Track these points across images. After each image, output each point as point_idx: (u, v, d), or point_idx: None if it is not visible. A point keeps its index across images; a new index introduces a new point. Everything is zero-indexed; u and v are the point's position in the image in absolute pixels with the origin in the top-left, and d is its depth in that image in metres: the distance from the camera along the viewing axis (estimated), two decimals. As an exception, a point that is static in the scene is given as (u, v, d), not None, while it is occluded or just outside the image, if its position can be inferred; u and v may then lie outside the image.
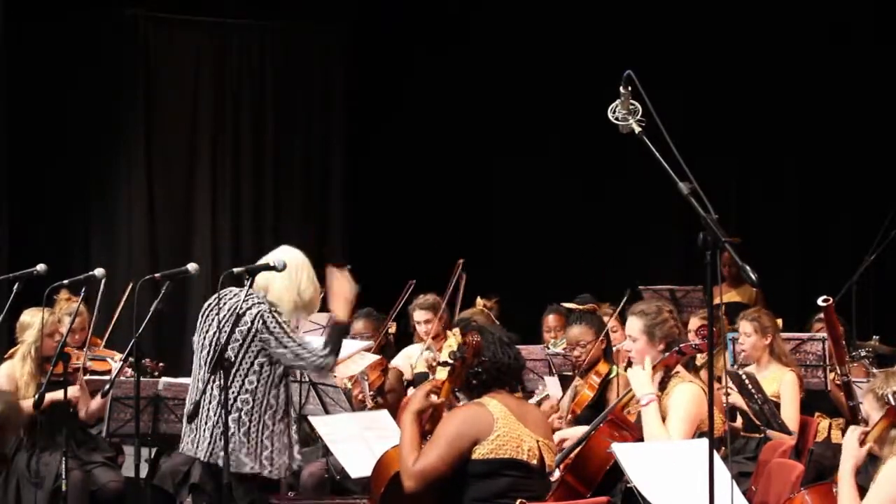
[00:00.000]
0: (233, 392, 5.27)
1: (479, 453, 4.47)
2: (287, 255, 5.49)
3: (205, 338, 5.45)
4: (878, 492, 4.32)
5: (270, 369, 5.36)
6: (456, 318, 7.73)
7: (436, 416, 4.67)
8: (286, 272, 5.38)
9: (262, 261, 5.43)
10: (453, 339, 4.70)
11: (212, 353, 5.37)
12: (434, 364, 7.42)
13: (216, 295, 5.51)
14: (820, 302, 6.47)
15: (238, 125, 11.67)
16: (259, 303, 5.34)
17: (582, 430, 5.62)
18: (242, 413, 5.29)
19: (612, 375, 6.47)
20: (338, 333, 5.51)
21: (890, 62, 10.13)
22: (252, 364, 5.32)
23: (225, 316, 5.31)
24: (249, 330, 5.29)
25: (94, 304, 7.38)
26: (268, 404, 5.36)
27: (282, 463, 5.39)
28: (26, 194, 10.76)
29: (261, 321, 5.29)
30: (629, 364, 5.40)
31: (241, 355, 5.28)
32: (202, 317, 5.52)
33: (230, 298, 5.40)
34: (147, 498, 6.80)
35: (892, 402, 4.37)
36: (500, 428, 4.49)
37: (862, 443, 4.50)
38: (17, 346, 6.97)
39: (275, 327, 5.31)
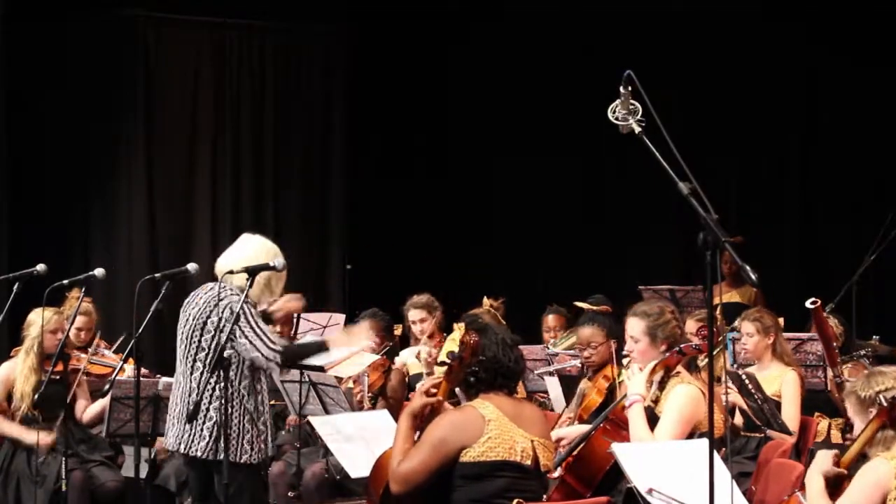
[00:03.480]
0: (211, 382, 5.33)
1: (469, 456, 4.45)
2: (252, 244, 5.61)
3: (182, 332, 5.55)
4: (856, 491, 4.28)
5: (239, 360, 5.44)
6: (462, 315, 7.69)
7: (432, 415, 4.67)
8: (252, 256, 5.45)
9: (232, 252, 5.59)
10: (457, 333, 4.68)
11: (188, 346, 5.49)
12: (430, 360, 7.44)
13: (194, 293, 5.60)
14: (808, 304, 6.46)
15: (238, 125, 11.67)
16: (231, 294, 5.42)
17: (580, 429, 5.62)
18: (222, 401, 5.34)
19: (621, 379, 6.45)
20: (310, 349, 5.74)
21: (890, 63, 10.12)
22: (233, 349, 5.37)
23: (200, 309, 5.39)
24: (220, 320, 5.35)
25: (101, 306, 7.42)
26: (238, 392, 5.40)
27: (259, 448, 5.47)
28: (26, 194, 10.76)
29: (229, 311, 5.34)
30: (629, 364, 5.40)
31: (216, 346, 5.34)
32: (181, 313, 5.59)
33: (206, 293, 5.51)
34: (147, 498, 6.80)
35: (884, 403, 4.35)
36: (492, 430, 4.47)
37: (837, 464, 4.46)
38: (22, 346, 6.99)
39: (241, 318, 5.37)
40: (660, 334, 5.25)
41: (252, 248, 5.60)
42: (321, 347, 5.77)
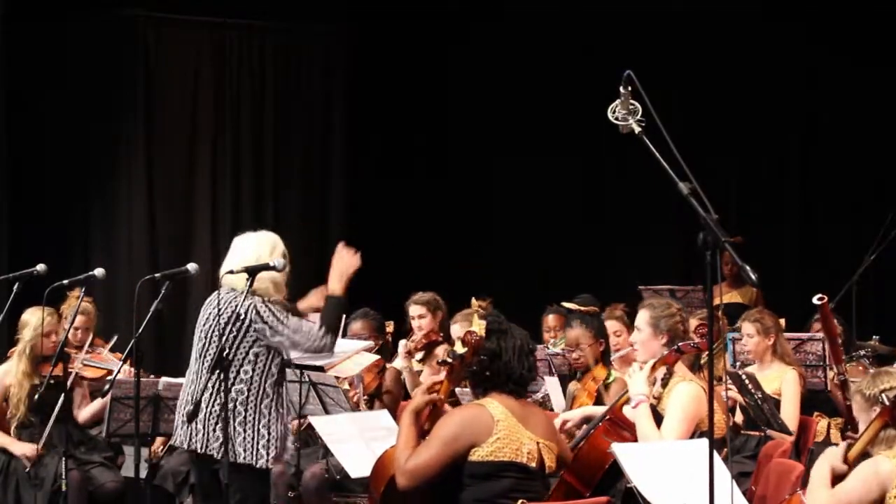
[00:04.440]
0: (229, 383, 5.32)
1: (477, 455, 4.45)
2: (249, 244, 5.59)
3: (201, 330, 5.54)
4: (854, 483, 4.30)
5: (266, 359, 5.43)
6: (464, 316, 7.68)
7: (435, 414, 4.67)
8: (263, 252, 5.45)
9: (232, 258, 5.54)
10: (477, 328, 4.67)
11: (207, 345, 5.46)
12: (413, 348, 7.46)
13: (217, 292, 5.58)
14: (815, 300, 6.47)
15: (238, 125, 11.66)
16: (244, 296, 5.41)
17: (584, 411, 5.62)
18: (238, 403, 5.34)
19: (609, 380, 6.45)
20: (331, 308, 5.64)
21: (890, 63, 10.13)
22: (247, 354, 5.39)
23: (223, 313, 5.39)
24: (243, 322, 5.36)
25: (101, 306, 7.42)
26: (264, 393, 5.41)
27: (275, 452, 5.45)
28: (26, 194, 10.76)
29: (254, 312, 5.37)
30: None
31: (235, 346, 5.35)
32: (203, 310, 5.60)
33: (226, 294, 5.50)
34: (147, 498, 6.80)
35: (886, 402, 4.36)
36: (500, 430, 4.47)
37: (845, 460, 4.48)
38: (14, 348, 6.98)
39: (268, 317, 5.39)
40: (662, 325, 5.30)
41: (252, 249, 5.59)
42: (338, 303, 5.70)
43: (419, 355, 7.59)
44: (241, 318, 5.37)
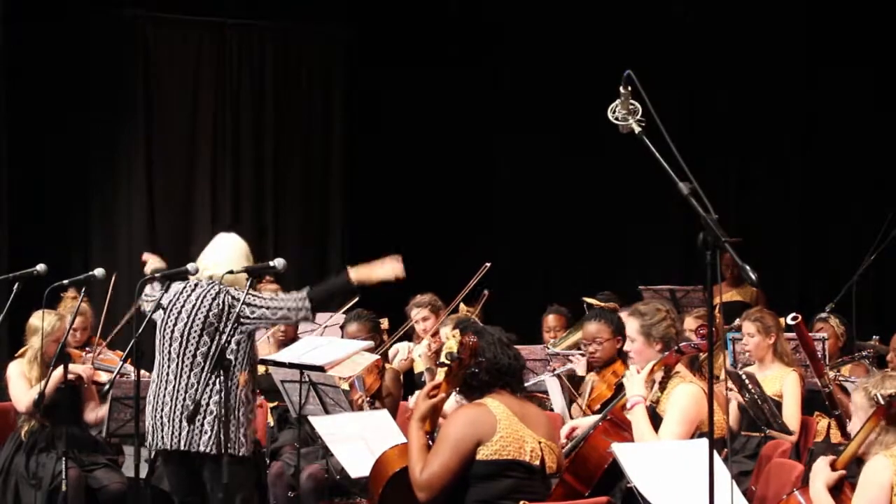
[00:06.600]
0: (206, 377, 5.34)
1: (482, 454, 4.44)
2: (225, 241, 5.81)
3: (174, 330, 5.54)
4: (861, 495, 4.30)
5: (246, 346, 5.52)
6: (452, 320, 7.70)
7: (435, 415, 4.66)
8: (234, 256, 5.57)
9: (212, 254, 5.76)
10: (453, 341, 4.69)
11: (185, 344, 5.47)
12: (430, 354, 7.47)
13: (175, 290, 5.65)
14: (789, 320, 6.48)
15: (238, 125, 11.67)
16: (224, 288, 5.54)
17: (593, 419, 5.62)
18: (222, 395, 5.34)
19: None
20: (333, 285, 5.93)
21: (889, 64, 10.13)
22: (229, 344, 5.40)
23: (195, 307, 5.41)
24: (221, 310, 5.38)
25: (100, 306, 7.41)
26: (241, 384, 5.43)
27: (251, 438, 5.52)
28: (26, 194, 10.76)
29: (229, 297, 5.39)
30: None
31: (216, 339, 5.36)
32: (166, 312, 5.59)
33: (193, 291, 5.51)
34: (147, 498, 6.80)
35: (881, 401, 4.37)
36: (503, 429, 4.46)
37: (833, 467, 4.48)
38: (27, 347, 6.96)
39: (244, 296, 5.44)
40: (654, 333, 5.27)
41: (232, 249, 5.67)
42: (346, 284, 5.88)
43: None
44: (220, 306, 5.40)
